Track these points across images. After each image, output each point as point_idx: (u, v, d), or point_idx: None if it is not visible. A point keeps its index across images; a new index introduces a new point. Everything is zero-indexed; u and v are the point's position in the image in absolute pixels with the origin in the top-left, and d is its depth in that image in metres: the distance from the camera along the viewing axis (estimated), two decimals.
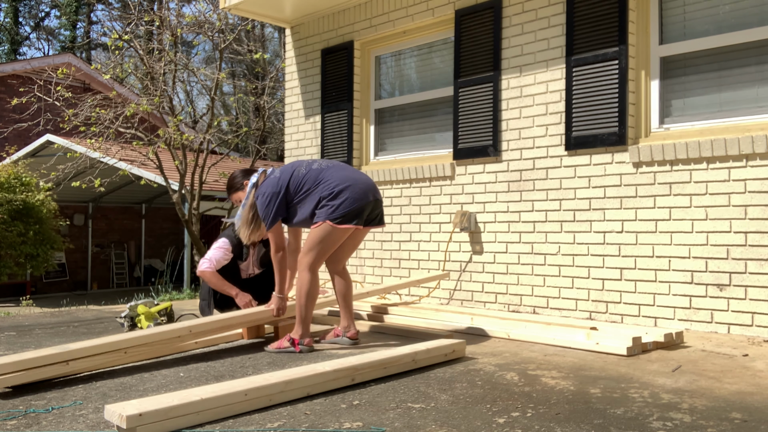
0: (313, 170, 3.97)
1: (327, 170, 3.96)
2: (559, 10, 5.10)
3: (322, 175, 3.94)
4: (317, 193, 3.89)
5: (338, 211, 3.82)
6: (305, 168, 3.98)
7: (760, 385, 3.01)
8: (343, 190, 3.86)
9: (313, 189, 3.90)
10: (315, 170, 3.97)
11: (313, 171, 3.96)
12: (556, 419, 2.51)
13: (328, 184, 3.89)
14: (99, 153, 10.01)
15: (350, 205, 3.84)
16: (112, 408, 2.34)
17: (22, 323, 5.31)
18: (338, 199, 3.84)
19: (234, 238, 4.77)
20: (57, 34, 31.20)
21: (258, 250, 4.90)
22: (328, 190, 3.87)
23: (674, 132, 4.64)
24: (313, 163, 4.02)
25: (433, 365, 3.43)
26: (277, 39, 24.31)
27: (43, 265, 11.26)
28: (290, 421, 2.52)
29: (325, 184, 3.90)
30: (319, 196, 3.88)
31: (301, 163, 4.04)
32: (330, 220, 3.82)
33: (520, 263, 5.32)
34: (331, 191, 3.86)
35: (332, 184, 3.88)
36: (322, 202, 3.86)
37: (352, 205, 3.84)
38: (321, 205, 3.86)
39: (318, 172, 3.96)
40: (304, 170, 3.97)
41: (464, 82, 5.69)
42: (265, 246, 4.87)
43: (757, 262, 4.16)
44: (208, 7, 10.39)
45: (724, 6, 4.50)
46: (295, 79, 7.28)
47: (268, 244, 4.87)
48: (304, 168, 3.98)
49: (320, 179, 3.92)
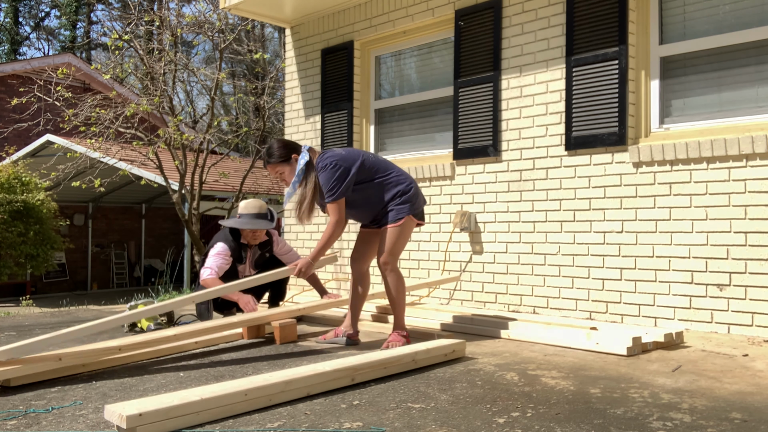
0: (379, 159, 4.00)
1: (389, 163, 4.02)
2: (559, 10, 5.10)
3: (390, 167, 3.96)
4: (393, 185, 3.89)
5: (415, 207, 3.91)
6: (372, 155, 4.01)
7: (760, 385, 3.01)
8: (412, 185, 3.94)
9: (386, 178, 3.90)
10: (381, 160, 4.01)
11: (379, 160, 4.00)
12: (556, 419, 2.51)
13: (401, 177, 3.93)
14: (99, 153, 10.01)
15: (422, 201, 3.98)
16: (112, 408, 2.34)
17: (22, 323, 5.31)
18: (410, 193, 3.90)
19: (231, 242, 4.75)
20: (57, 34, 31.21)
21: (253, 252, 4.92)
22: (405, 185, 3.90)
23: (674, 132, 4.64)
24: (370, 153, 4.06)
25: (433, 365, 3.43)
26: (277, 39, 24.31)
27: (43, 265, 11.27)
28: (290, 421, 2.52)
29: (399, 176, 3.92)
30: (396, 189, 3.89)
31: (359, 150, 4.05)
32: (413, 215, 3.88)
33: (520, 263, 5.32)
34: (408, 186, 3.90)
35: (405, 179, 3.93)
36: (400, 197, 3.88)
37: (422, 202, 3.99)
38: (400, 200, 3.87)
39: (384, 162, 3.99)
40: (372, 157, 3.99)
41: (464, 82, 5.69)
42: (261, 248, 4.91)
43: (757, 262, 4.16)
44: (208, 7, 10.39)
45: (724, 6, 4.50)
46: (295, 79, 7.28)
47: (264, 246, 4.91)
48: (370, 155, 4.01)
49: (390, 170, 3.93)
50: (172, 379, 3.26)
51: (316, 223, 6.91)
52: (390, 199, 3.89)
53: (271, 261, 4.98)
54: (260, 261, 4.93)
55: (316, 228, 6.93)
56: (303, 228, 7.08)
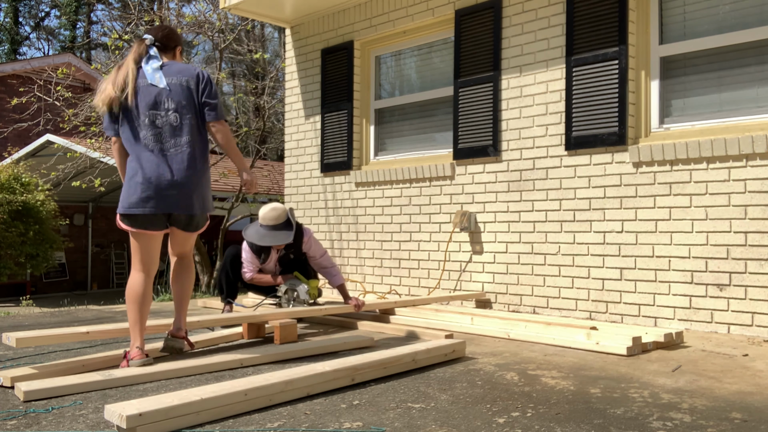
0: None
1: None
2: (559, 10, 5.10)
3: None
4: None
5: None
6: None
7: (760, 385, 3.01)
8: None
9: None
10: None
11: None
12: (556, 419, 2.51)
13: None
14: (99, 153, 10.01)
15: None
16: (112, 408, 2.34)
17: (22, 323, 5.31)
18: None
19: (253, 245, 4.96)
20: (57, 34, 31.21)
21: (278, 252, 5.03)
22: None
23: (674, 132, 4.64)
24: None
25: (433, 365, 3.43)
26: (277, 39, 24.31)
27: (43, 265, 11.27)
28: (290, 421, 2.52)
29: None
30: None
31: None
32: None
33: (520, 263, 5.32)
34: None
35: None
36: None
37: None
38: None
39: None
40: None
41: (464, 82, 5.69)
42: (286, 249, 5.01)
43: (757, 262, 4.16)
44: (208, 7, 10.39)
45: (724, 6, 4.50)
46: (295, 79, 7.28)
47: (290, 246, 4.99)
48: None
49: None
50: (172, 379, 3.25)
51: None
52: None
53: (296, 260, 5.04)
54: (285, 260, 5.03)
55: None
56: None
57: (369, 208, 6.50)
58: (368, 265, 6.49)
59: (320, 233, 6.91)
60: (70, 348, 4.02)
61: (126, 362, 3.35)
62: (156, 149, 3.38)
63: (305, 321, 5.07)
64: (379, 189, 6.40)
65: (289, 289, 4.96)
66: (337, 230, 6.77)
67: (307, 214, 7.08)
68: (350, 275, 6.60)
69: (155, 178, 3.35)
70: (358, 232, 6.59)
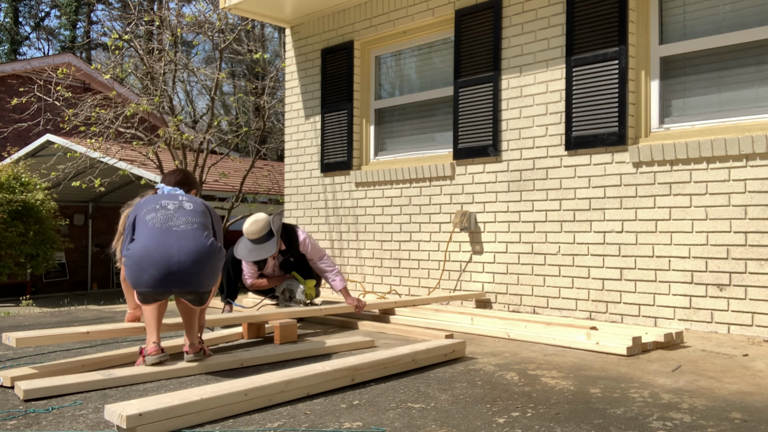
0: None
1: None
2: (559, 10, 5.10)
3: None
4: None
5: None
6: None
7: (760, 385, 3.01)
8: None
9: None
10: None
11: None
12: (556, 419, 2.51)
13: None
14: (99, 153, 10.01)
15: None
16: (112, 408, 2.34)
17: (22, 323, 5.30)
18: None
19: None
20: (57, 34, 31.20)
21: (276, 258, 5.11)
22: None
23: (674, 132, 4.64)
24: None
25: (433, 365, 3.43)
26: (277, 39, 24.31)
27: (43, 265, 11.26)
28: (290, 421, 2.52)
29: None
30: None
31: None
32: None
33: (520, 263, 5.32)
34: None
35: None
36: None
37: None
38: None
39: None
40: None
41: (464, 82, 5.69)
42: (282, 255, 5.08)
43: (757, 262, 4.16)
44: (208, 7, 10.38)
45: (724, 6, 4.50)
46: (295, 79, 7.28)
47: (285, 252, 5.06)
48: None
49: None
50: (172, 379, 3.25)
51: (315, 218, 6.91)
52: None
53: (296, 263, 5.09)
54: (285, 264, 5.13)
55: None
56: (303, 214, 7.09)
57: (369, 208, 6.50)
58: (368, 265, 6.49)
59: (320, 233, 6.91)
60: (70, 348, 4.02)
61: (142, 358, 3.35)
62: (164, 227, 3.33)
63: (305, 321, 5.07)
64: (379, 189, 6.40)
65: (286, 290, 5.02)
66: (337, 230, 6.77)
67: (307, 214, 7.08)
68: (350, 275, 6.60)
69: (161, 257, 3.25)
70: (358, 232, 6.58)
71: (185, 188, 3.78)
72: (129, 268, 3.31)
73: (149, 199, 3.55)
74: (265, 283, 5.12)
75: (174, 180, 3.81)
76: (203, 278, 3.34)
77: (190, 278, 3.28)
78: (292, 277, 5.04)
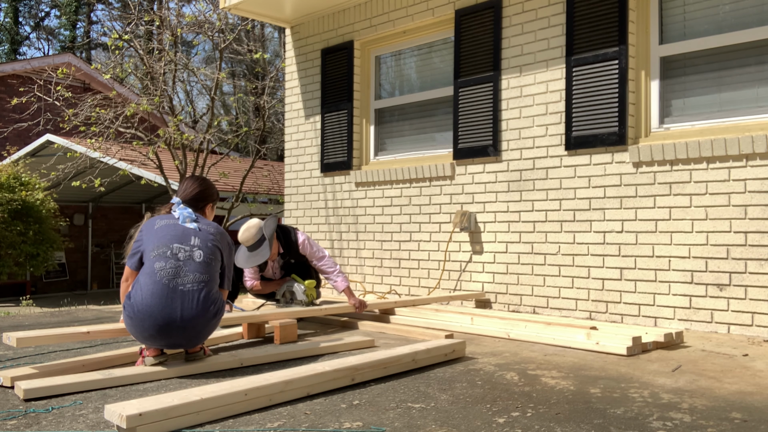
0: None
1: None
2: (559, 10, 5.10)
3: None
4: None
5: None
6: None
7: (760, 385, 3.01)
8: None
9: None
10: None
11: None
12: (556, 419, 2.51)
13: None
14: (99, 153, 10.01)
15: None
16: (112, 408, 2.34)
17: (22, 323, 5.30)
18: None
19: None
20: (57, 34, 31.21)
21: (277, 260, 5.16)
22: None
23: (674, 132, 4.64)
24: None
25: (433, 365, 3.43)
26: (277, 39, 24.31)
27: (43, 265, 11.26)
28: (290, 421, 2.52)
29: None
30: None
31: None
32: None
33: (520, 263, 5.32)
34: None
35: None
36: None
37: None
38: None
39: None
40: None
41: (464, 82, 5.69)
42: (282, 258, 5.14)
43: (757, 262, 4.16)
44: (208, 7, 10.39)
45: (724, 6, 4.50)
46: (295, 79, 7.28)
47: (284, 256, 5.12)
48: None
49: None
50: (172, 379, 3.25)
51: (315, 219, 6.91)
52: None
53: (297, 264, 5.14)
54: (286, 266, 5.18)
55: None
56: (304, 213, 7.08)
57: (369, 208, 6.50)
58: (368, 265, 6.49)
59: (320, 233, 6.91)
60: (70, 348, 4.02)
61: (142, 359, 3.35)
62: (171, 284, 3.25)
63: (305, 321, 5.07)
64: (379, 189, 6.40)
65: (286, 291, 5.04)
66: (337, 230, 6.77)
67: (307, 214, 7.09)
68: (350, 275, 6.60)
69: (164, 319, 3.21)
70: (358, 232, 6.59)
71: (202, 203, 3.64)
72: (129, 318, 3.27)
73: (163, 228, 3.43)
74: (264, 287, 5.16)
75: (190, 194, 3.62)
76: (203, 337, 3.41)
77: (189, 340, 3.35)
78: (291, 279, 5.07)
